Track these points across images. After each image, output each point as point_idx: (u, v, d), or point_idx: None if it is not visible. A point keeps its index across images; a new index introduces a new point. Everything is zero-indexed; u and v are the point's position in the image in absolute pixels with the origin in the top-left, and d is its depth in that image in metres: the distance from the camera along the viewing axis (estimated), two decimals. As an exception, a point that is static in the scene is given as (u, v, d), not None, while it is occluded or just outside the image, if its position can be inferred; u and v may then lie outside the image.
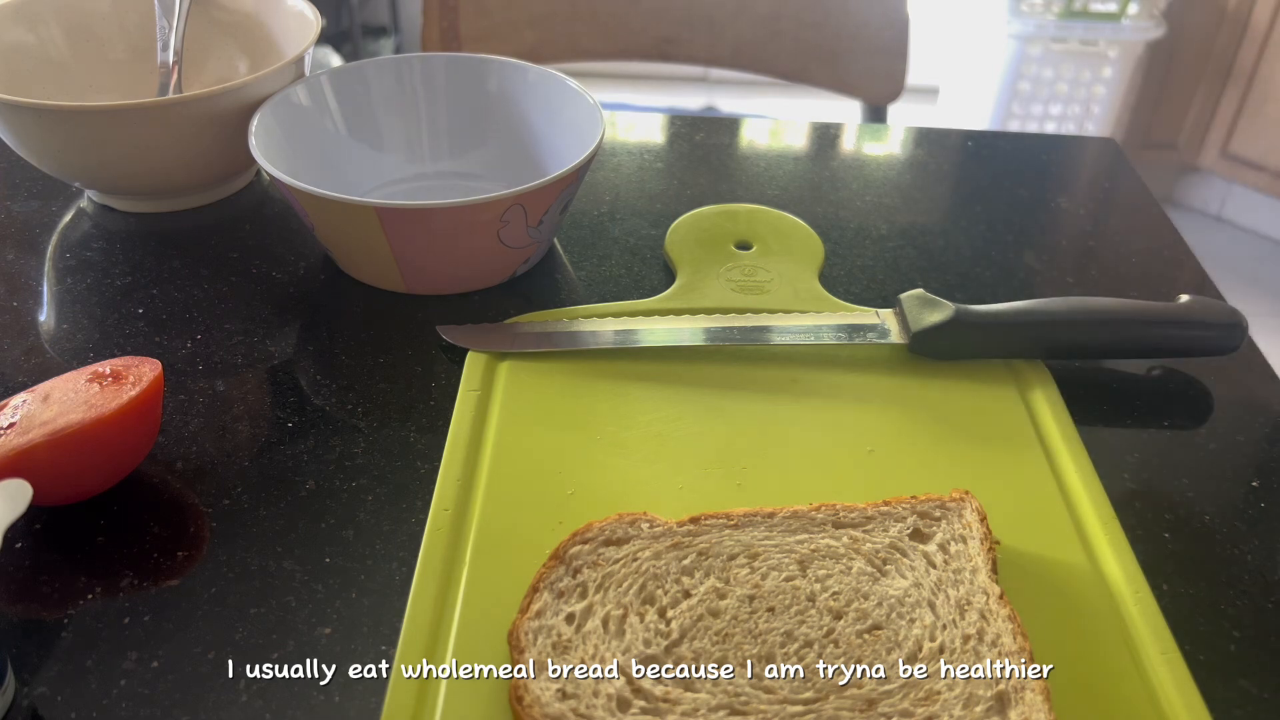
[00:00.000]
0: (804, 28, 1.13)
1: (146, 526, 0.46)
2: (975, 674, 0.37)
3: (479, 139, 0.70)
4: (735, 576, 0.41)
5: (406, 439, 0.51)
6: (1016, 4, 2.04)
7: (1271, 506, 0.49)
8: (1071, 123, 2.14)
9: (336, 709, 0.39)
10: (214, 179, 0.68)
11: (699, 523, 0.43)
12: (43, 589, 0.43)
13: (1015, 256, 0.67)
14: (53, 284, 0.62)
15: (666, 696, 0.37)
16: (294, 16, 0.71)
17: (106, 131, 0.60)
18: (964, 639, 0.39)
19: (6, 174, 0.73)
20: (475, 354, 0.54)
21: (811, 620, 0.40)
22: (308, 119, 0.66)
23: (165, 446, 0.50)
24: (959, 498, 0.45)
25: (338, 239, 0.59)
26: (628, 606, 0.40)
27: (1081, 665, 0.40)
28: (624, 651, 0.38)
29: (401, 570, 0.44)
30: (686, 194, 0.72)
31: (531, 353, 0.54)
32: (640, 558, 0.42)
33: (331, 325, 0.59)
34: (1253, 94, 2.10)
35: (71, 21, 0.72)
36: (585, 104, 0.64)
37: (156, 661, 0.40)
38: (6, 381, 0.54)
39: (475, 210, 0.55)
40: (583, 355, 0.54)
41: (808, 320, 0.56)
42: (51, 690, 0.39)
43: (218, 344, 0.57)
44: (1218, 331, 0.54)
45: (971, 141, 0.82)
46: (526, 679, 0.37)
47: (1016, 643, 0.38)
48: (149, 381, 0.46)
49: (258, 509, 0.47)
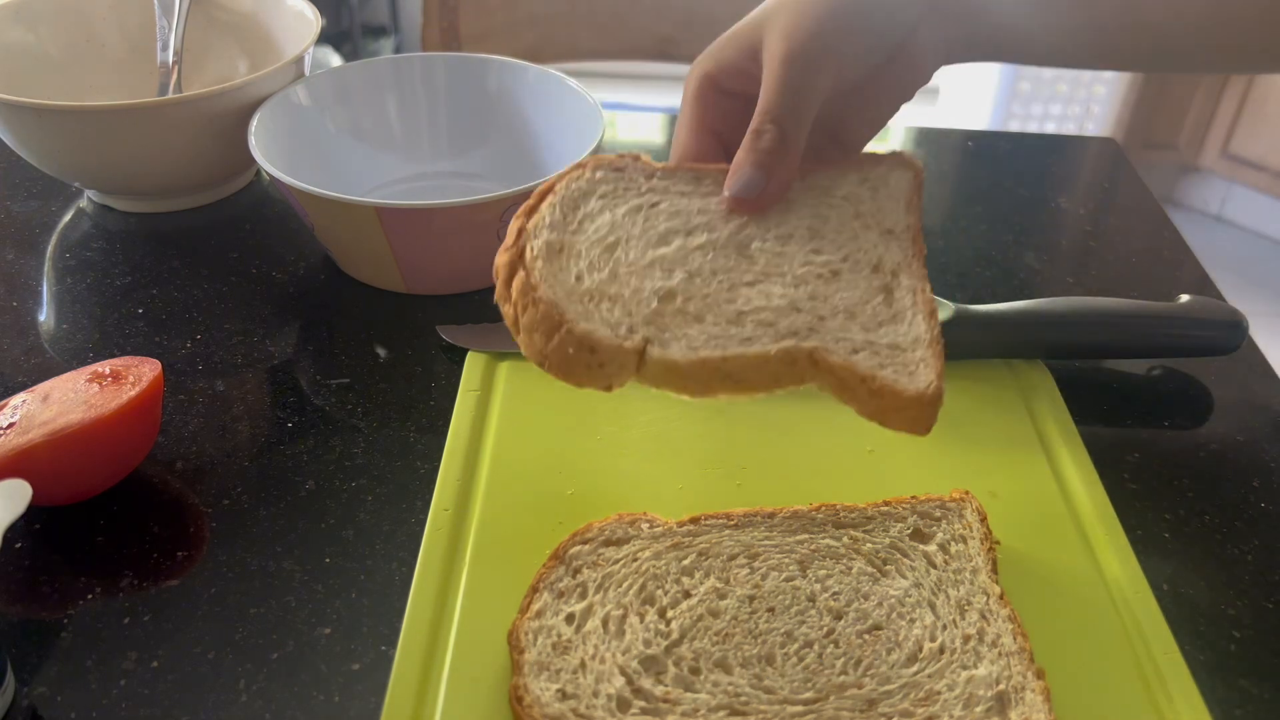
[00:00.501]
0: (804, 28, 1.13)
1: (146, 526, 0.46)
2: (976, 674, 0.37)
3: (479, 138, 0.70)
4: (735, 577, 0.41)
5: (406, 439, 0.51)
6: (1016, 4, 2.04)
7: (1271, 506, 0.49)
8: (1072, 123, 2.14)
9: (336, 709, 0.39)
10: (214, 179, 0.68)
11: (699, 523, 0.43)
12: (42, 589, 0.43)
13: (1015, 256, 0.67)
14: (52, 284, 0.62)
15: (666, 697, 0.37)
16: (294, 16, 0.71)
17: (106, 131, 0.60)
18: (964, 639, 0.39)
19: (6, 174, 0.73)
20: (475, 354, 0.54)
21: (812, 620, 0.40)
22: (308, 119, 0.66)
23: (165, 446, 0.50)
24: (959, 498, 0.45)
25: (338, 239, 0.59)
26: (628, 607, 0.40)
27: (1081, 665, 0.40)
28: (624, 652, 0.38)
29: (401, 570, 0.44)
30: (686, 194, 0.72)
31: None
32: (640, 558, 0.42)
33: (331, 325, 0.59)
34: (1253, 94, 2.10)
35: (71, 21, 0.72)
36: (585, 104, 0.64)
37: (156, 661, 0.40)
38: (6, 381, 0.54)
39: (476, 210, 0.55)
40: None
41: None
42: (51, 690, 0.39)
43: (217, 344, 0.57)
44: (1218, 331, 0.54)
45: (972, 141, 0.82)
46: (526, 679, 0.37)
47: (1017, 643, 0.38)
48: (149, 381, 0.46)
49: (257, 509, 0.47)
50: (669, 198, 0.44)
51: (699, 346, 0.39)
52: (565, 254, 0.41)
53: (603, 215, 0.43)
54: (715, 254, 0.42)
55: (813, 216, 0.44)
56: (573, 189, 0.44)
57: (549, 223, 0.42)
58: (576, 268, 0.41)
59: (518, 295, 0.40)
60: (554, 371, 0.39)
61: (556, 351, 0.39)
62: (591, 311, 0.40)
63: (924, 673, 0.38)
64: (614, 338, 0.39)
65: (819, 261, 0.42)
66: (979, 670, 0.38)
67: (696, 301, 0.40)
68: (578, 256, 0.41)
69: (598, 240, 0.42)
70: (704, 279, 0.41)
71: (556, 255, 0.41)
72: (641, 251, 0.42)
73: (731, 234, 0.43)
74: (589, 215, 0.43)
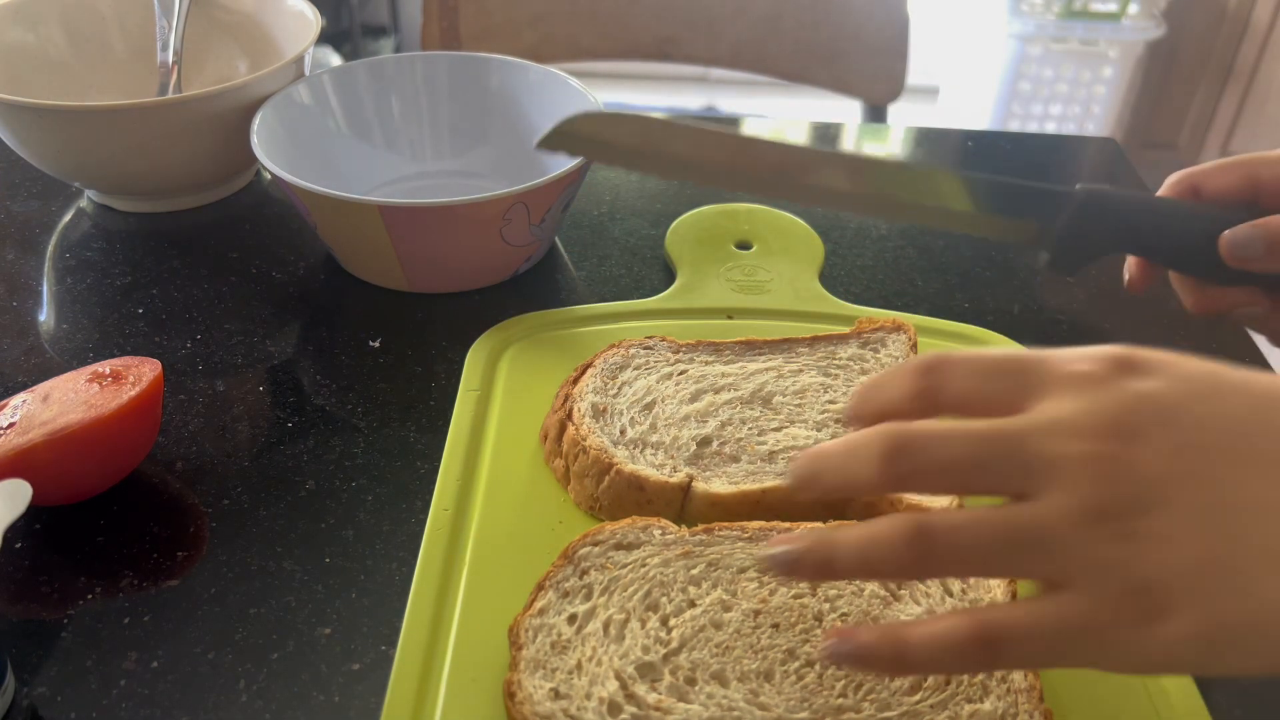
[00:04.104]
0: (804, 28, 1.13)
1: (146, 527, 0.46)
2: (981, 708, 0.37)
3: (480, 137, 0.70)
4: (743, 590, 0.41)
5: (406, 439, 0.51)
6: (1016, 4, 2.04)
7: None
8: (1072, 123, 2.14)
9: (336, 709, 0.39)
10: (213, 179, 0.68)
11: (712, 533, 0.43)
12: (42, 589, 0.43)
13: (1016, 256, 0.67)
14: (52, 284, 0.62)
15: (659, 705, 0.36)
16: (294, 16, 0.71)
17: (106, 131, 0.60)
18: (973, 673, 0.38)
19: (6, 174, 0.73)
20: (475, 353, 0.54)
21: (816, 640, 0.39)
22: (309, 118, 0.66)
23: (165, 446, 0.50)
24: None
25: (341, 238, 0.59)
26: (631, 612, 0.40)
27: (1093, 705, 0.39)
28: (621, 656, 0.38)
29: (401, 570, 0.44)
30: (686, 194, 0.72)
31: (531, 353, 0.54)
32: (649, 564, 0.41)
33: (331, 325, 0.59)
34: (1253, 94, 2.10)
35: (71, 21, 0.72)
36: (586, 103, 0.64)
37: (156, 662, 0.40)
38: (6, 381, 0.54)
39: (479, 208, 0.55)
40: (582, 355, 0.54)
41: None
42: (51, 690, 0.39)
43: (217, 344, 0.57)
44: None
45: (972, 141, 0.82)
46: (521, 675, 0.37)
47: (1027, 680, 0.38)
48: (149, 381, 0.46)
49: (257, 509, 0.47)
50: (694, 365, 0.51)
51: (739, 481, 0.45)
52: (609, 413, 0.48)
53: (638, 381, 0.50)
54: (742, 406, 0.49)
55: (823, 375, 0.51)
56: (610, 362, 0.51)
57: (592, 388, 0.49)
58: (620, 422, 0.48)
59: (568, 447, 0.46)
60: (605, 514, 0.45)
61: (607, 493, 0.45)
62: (637, 456, 0.46)
63: (926, 703, 0.37)
64: (660, 476, 0.45)
65: (835, 409, 0.49)
66: (984, 705, 0.37)
67: (731, 445, 0.47)
68: (619, 414, 0.48)
69: (636, 401, 0.49)
70: (735, 426, 0.48)
71: (601, 414, 0.48)
72: (676, 407, 0.49)
73: (754, 390, 0.50)
74: (626, 382, 0.50)
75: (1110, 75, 2.08)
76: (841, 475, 0.31)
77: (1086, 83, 2.09)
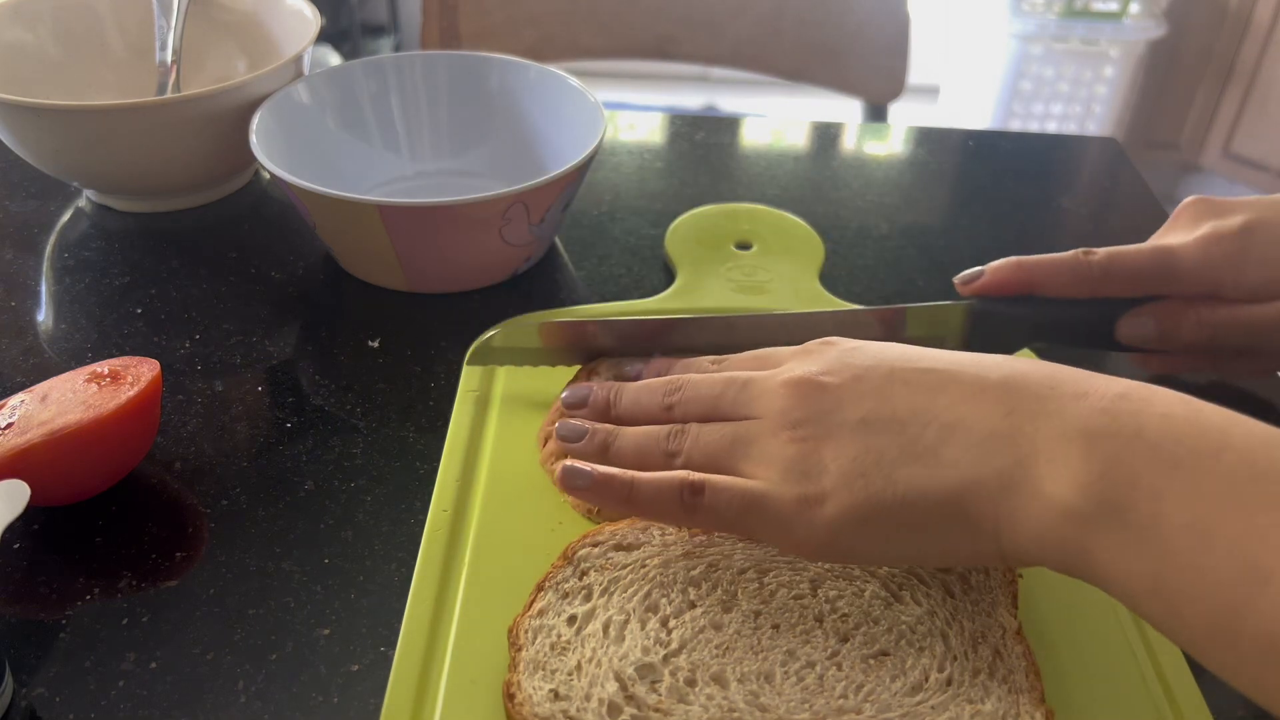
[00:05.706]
0: (804, 27, 1.13)
1: (145, 527, 0.46)
2: (982, 709, 0.36)
3: (480, 137, 0.70)
4: (743, 591, 0.40)
5: (405, 439, 0.51)
6: (1018, 3, 2.04)
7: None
8: (1073, 122, 2.14)
9: (336, 709, 0.39)
10: (213, 178, 0.68)
11: (712, 535, 0.42)
12: (41, 589, 0.43)
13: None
14: (51, 284, 0.62)
15: (658, 706, 0.36)
16: (293, 16, 0.71)
17: (105, 131, 0.60)
18: (974, 673, 0.38)
19: (5, 174, 0.72)
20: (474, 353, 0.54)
21: (817, 641, 0.39)
22: (309, 117, 0.66)
23: (164, 447, 0.50)
24: None
25: (340, 237, 0.59)
26: (630, 613, 0.39)
27: (1095, 704, 0.39)
28: (621, 657, 0.38)
29: (401, 570, 0.44)
30: (686, 193, 0.72)
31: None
32: (649, 565, 0.41)
33: (331, 325, 0.59)
34: (1254, 93, 2.10)
35: (71, 21, 0.72)
36: (586, 102, 0.64)
37: (155, 662, 0.40)
38: (4, 381, 0.54)
39: (478, 207, 0.55)
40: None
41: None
42: (50, 690, 0.39)
43: (216, 344, 0.57)
44: None
45: (972, 141, 0.82)
46: (520, 676, 0.37)
47: (1028, 680, 0.37)
48: (147, 382, 0.46)
49: (256, 509, 0.47)
50: None
51: None
52: None
53: None
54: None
55: None
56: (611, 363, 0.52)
57: None
58: None
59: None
60: (602, 517, 0.45)
61: None
62: None
63: (927, 704, 0.37)
64: None
65: None
66: (985, 706, 0.36)
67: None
68: None
69: None
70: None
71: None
72: None
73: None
74: None
75: (1111, 75, 2.07)
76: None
77: (1088, 82, 2.09)
